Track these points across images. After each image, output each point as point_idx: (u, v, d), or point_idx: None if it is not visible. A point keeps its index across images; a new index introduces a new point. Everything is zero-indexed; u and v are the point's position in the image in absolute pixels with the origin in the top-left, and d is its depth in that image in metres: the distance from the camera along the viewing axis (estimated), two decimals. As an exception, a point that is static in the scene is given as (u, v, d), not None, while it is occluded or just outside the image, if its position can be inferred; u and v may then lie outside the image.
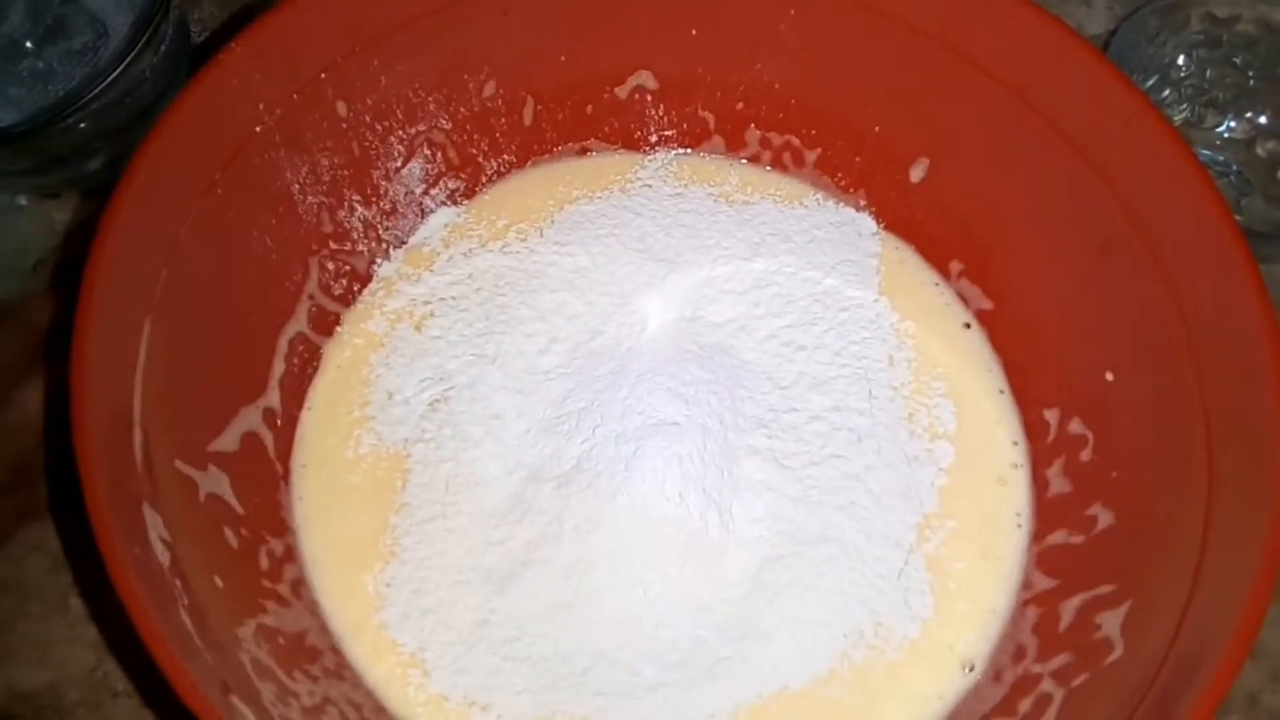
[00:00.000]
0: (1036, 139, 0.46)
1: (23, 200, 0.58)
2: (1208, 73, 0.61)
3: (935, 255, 0.53)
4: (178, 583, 0.36)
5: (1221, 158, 0.60)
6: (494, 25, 0.49)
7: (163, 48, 0.54)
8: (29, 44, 0.57)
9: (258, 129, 0.45)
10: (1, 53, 0.57)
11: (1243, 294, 0.40)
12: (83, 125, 0.52)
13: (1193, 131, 0.61)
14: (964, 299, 0.52)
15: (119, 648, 0.46)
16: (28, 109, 0.55)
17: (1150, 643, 0.38)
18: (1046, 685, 0.40)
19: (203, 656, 0.34)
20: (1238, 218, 0.57)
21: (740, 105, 0.54)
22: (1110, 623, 0.40)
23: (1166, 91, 0.61)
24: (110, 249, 0.38)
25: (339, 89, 0.47)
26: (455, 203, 0.54)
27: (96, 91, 0.51)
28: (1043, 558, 0.45)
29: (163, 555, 0.36)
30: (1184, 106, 0.61)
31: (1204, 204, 0.41)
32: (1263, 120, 0.60)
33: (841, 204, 0.55)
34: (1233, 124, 0.61)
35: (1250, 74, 0.60)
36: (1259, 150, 0.60)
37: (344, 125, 0.48)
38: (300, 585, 0.44)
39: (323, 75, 0.46)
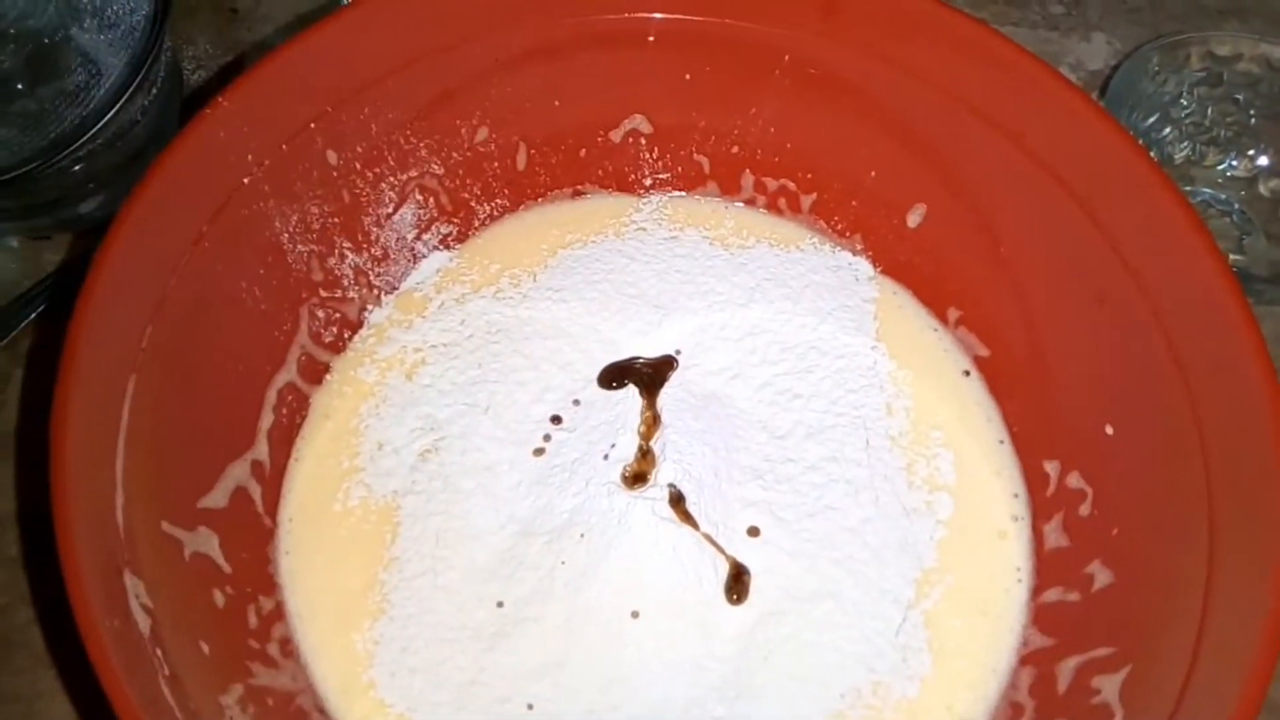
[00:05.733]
0: (1034, 186, 0.46)
1: (14, 242, 0.58)
2: (1209, 111, 0.60)
3: (933, 301, 0.52)
4: (158, 652, 0.35)
5: (1224, 196, 0.60)
6: (485, 71, 0.49)
7: (155, 90, 0.54)
8: (20, 84, 0.57)
9: (246, 180, 0.44)
10: (-6, 93, 0.57)
11: (1242, 350, 0.39)
12: (76, 168, 0.52)
13: (1194, 170, 0.60)
14: (963, 346, 0.51)
15: (97, 706, 0.45)
16: (20, 151, 0.55)
17: (1153, 710, 0.37)
18: (1045, 753, 0.40)
19: (183, 730, 0.34)
20: (1239, 259, 0.57)
21: (735, 149, 0.53)
22: (1109, 687, 0.39)
23: (1167, 129, 0.61)
24: (92, 311, 0.37)
25: (329, 138, 0.47)
26: (448, 247, 0.53)
27: (90, 133, 0.50)
28: (1039, 615, 0.44)
29: (143, 623, 0.35)
30: (1185, 144, 0.61)
31: (1200, 258, 0.41)
32: (1264, 160, 0.59)
33: (838, 248, 0.54)
34: (1234, 162, 0.60)
35: (1251, 112, 0.60)
36: (1261, 189, 0.60)
37: (334, 173, 0.48)
38: (289, 644, 0.43)
39: (312, 125, 0.46)
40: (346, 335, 0.51)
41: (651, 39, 0.49)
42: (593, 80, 0.51)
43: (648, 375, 0.49)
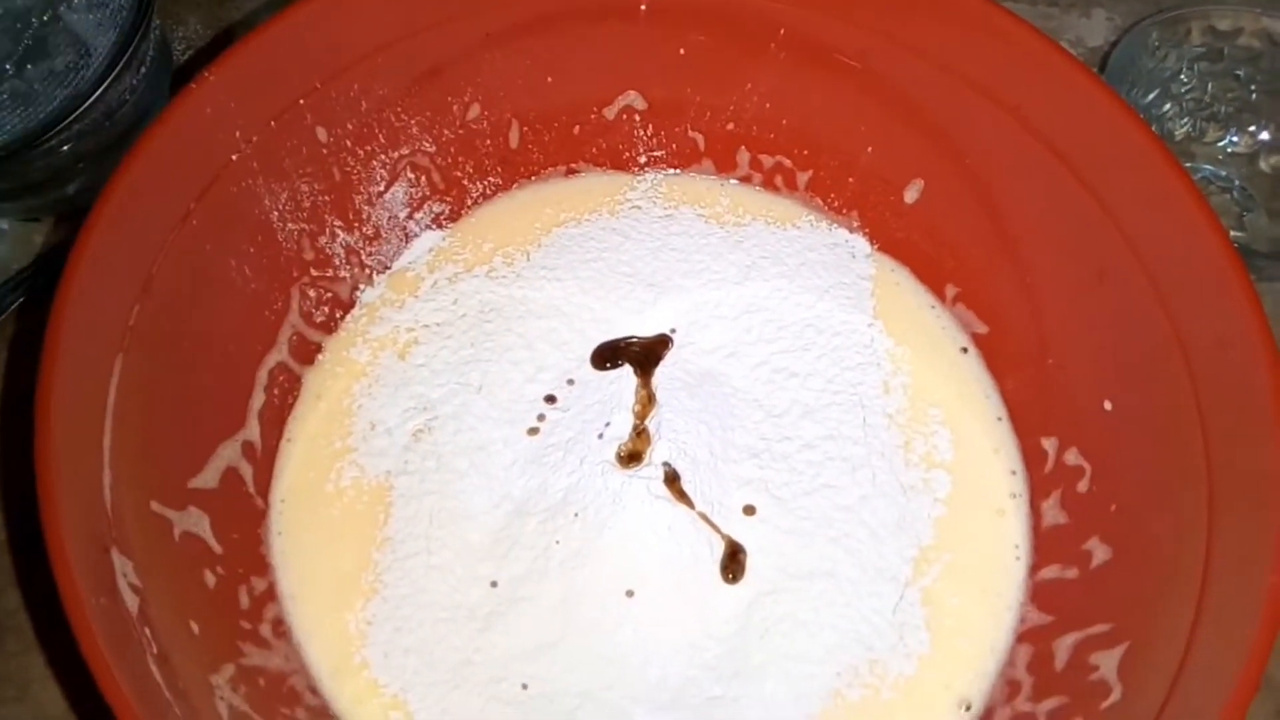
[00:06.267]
0: (1033, 161, 0.46)
1: (3, 224, 0.57)
2: (1209, 86, 0.60)
3: (930, 278, 0.52)
4: (146, 631, 0.35)
5: (1224, 173, 0.59)
6: (476, 47, 0.48)
7: (143, 69, 0.54)
8: (8, 66, 0.57)
9: (234, 157, 0.44)
10: (-19, 74, 0.56)
11: (1243, 324, 0.39)
12: (64, 148, 0.52)
13: (1194, 146, 0.60)
14: (960, 323, 0.51)
15: (88, 692, 0.45)
16: (8, 131, 0.55)
17: (1151, 686, 0.36)
18: (1040, 728, 0.39)
19: (171, 711, 0.33)
20: (1240, 235, 0.57)
21: (731, 126, 0.53)
22: (1107, 664, 0.39)
23: (1168, 105, 0.60)
24: (76, 289, 0.37)
25: (318, 114, 0.46)
26: (440, 226, 0.53)
27: (78, 113, 0.50)
28: (1037, 592, 0.44)
29: (131, 602, 0.35)
30: (1185, 121, 0.60)
31: (1202, 232, 0.40)
32: (1265, 135, 0.59)
33: (835, 225, 0.54)
34: (1235, 139, 0.60)
35: (1252, 88, 0.59)
36: (1262, 165, 0.59)
37: (324, 151, 0.47)
38: (281, 625, 0.43)
39: (301, 101, 0.45)
40: (338, 315, 0.50)
41: (644, 8, 0.48)
42: (585, 56, 0.50)
43: (638, 354, 0.49)
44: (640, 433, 0.47)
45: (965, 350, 0.50)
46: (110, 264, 0.39)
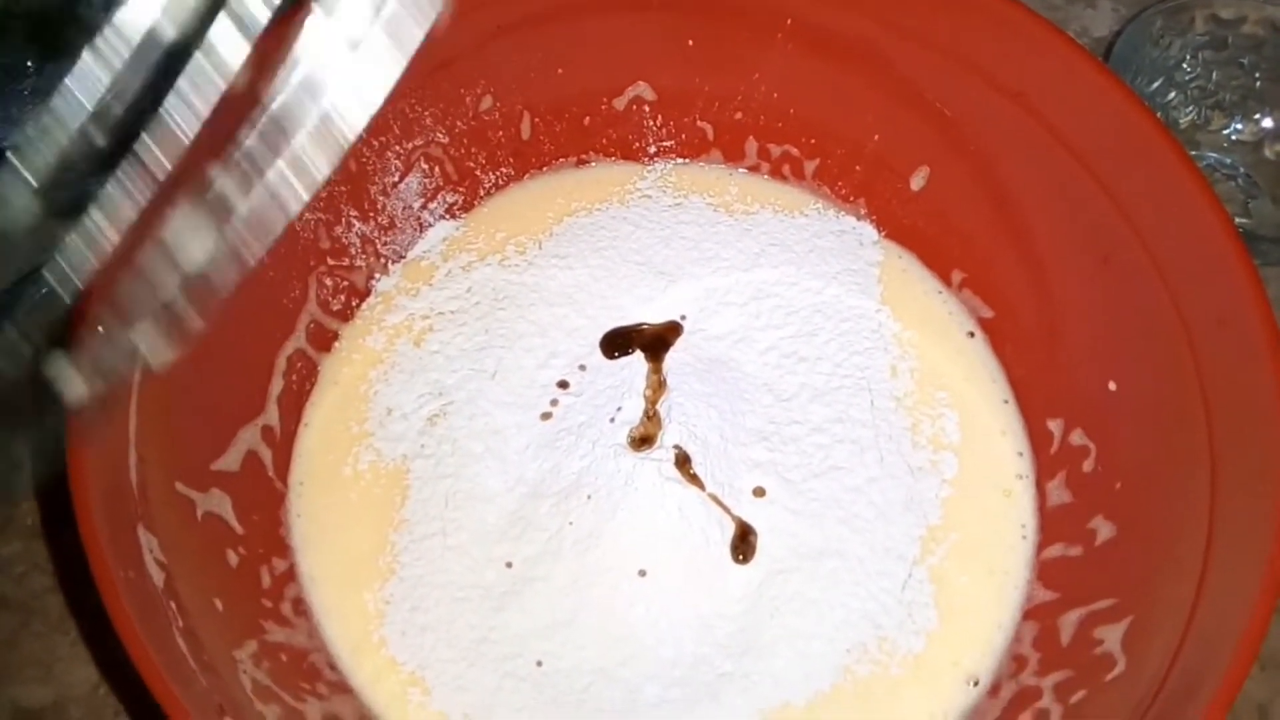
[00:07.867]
0: (1037, 146, 0.46)
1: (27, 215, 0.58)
2: (1214, 74, 0.60)
3: (937, 263, 0.52)
4: (172, 605, 0.36)
5: (1229, 160, 0.60)
6: (488, 40, 0.49)
7: (162, 65, 0.55)
8: (29, 63, 0.58)
9: (253, 147, 0.45)
10: (3, 71, 0.57)
11: (1244, 305, 0.39)
12: (84, 143, 0.53)
13: (1199, 134, 0.60)
14: (967, 308, 0.52)
15: (116, 668, 0.46)
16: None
17: (1153, 658, 0.37)
18: (1045, 701, 0.40)
19: (198, 680, 0.34)
20: (1245, 221, 0.57)
21: (738, 115, 0.54)
22: (1111, 637, 0.39)
23: (1172, 94, 0.60)
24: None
25: (334, 106, 0.47)
26: (453, 216, 0.54)
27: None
28: (1043, 570, 0.45)
29: (158, 577, 0.36)
30: (1190, 109, 0.61)
31: (1204, 214, 0.41)
32: (1269, 123, 0.59)
33: (842, 213, 0.54)
34: (1239, 126, 0.60)
35: (1257, 75, 0.59)
36: (1267, 152, 0.60)
37: (340, 142, 0.48)
38: (301, 604, 0.44)
39: (317, 92, 0.46)
40: (355, 303, 0.51)
41: (655, -4, 0.49)
42: (596, 47, 0.51)
43: (649, 340, 0.50)
44: (652, 416, 0.47)
45: (972, 334, 0.51)
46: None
